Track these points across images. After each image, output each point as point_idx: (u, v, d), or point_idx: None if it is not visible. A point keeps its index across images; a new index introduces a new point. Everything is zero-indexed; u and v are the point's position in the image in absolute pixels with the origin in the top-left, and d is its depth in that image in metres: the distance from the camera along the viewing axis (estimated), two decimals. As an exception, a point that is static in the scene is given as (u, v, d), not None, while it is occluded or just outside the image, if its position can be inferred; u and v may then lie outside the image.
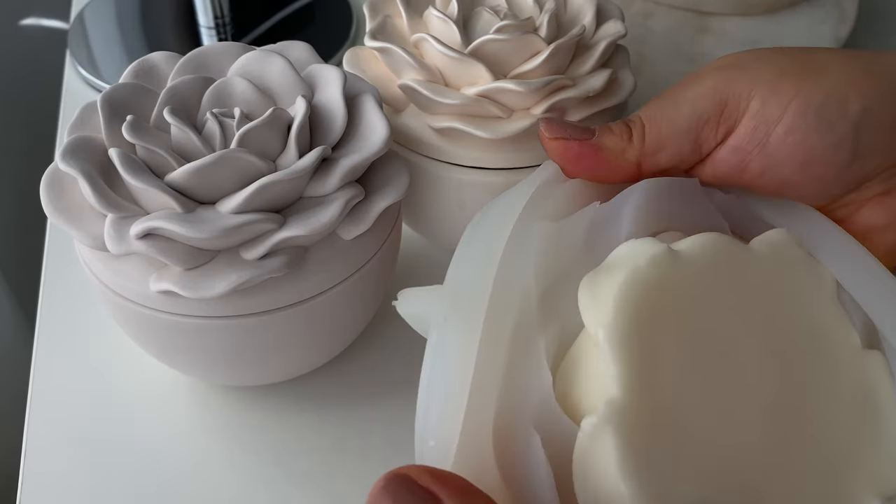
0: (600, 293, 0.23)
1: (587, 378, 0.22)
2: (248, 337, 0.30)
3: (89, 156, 0.28)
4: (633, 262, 0.23)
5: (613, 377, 0.21)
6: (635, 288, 0.22)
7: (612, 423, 0.21)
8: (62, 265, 0.40)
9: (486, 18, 0.34)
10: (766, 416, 0.23)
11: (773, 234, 0.26)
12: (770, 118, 0.26)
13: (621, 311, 0.22)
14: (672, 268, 0.23)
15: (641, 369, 0.22)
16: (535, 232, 0.26)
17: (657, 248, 0.23)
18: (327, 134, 0.30)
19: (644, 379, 0.21)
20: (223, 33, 0.53)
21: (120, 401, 0.36)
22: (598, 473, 0.21)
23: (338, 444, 0.35)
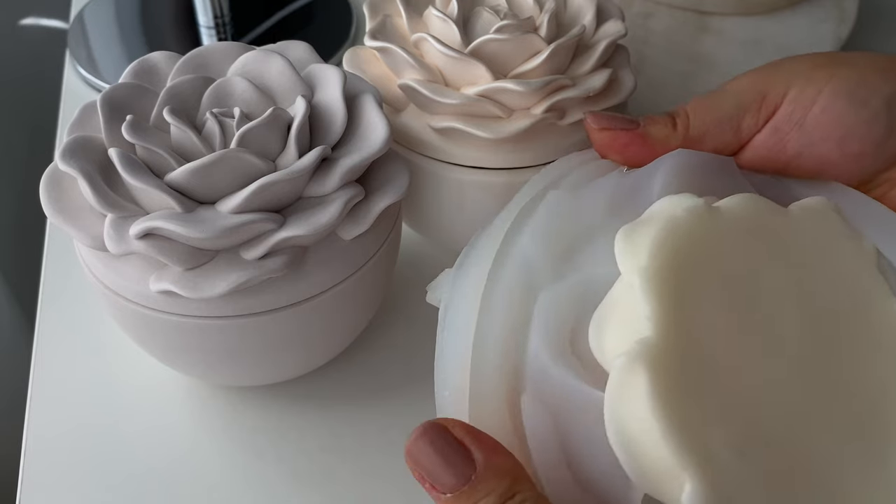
0: (637, 240, 0.23)
1: (621, 324, 0.23)
2: (248, 337, 0.30)
3: (89, 156, 0.28)
4: (670, 212, 0.23)
5: (647, 317, 0.21)
6: (672, 235, 0.23)
7: (644, 360, 0.21)
8: (62, 265, 0.40)
9: (486, 18, 0.34)
10: (800, 371, 0.23)
11: (812, 200, 0.26)
12: (806, 101, 0.28)
13: (657, 256, 0.22)
14: (709, 220, 0.23)
15: (675, 312, 0.22)
16: (548, 199, 0.26)
17: (695, 200, 0.23)
18: (327, 134, 0.30)
19: (677, 321, 0.22)
20: (223, 33, 0.53)
21: (120, 401, 0.36)
22: (629, 410, 0.21)
23: (338, 444, 0.35)
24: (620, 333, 0.22)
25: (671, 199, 0.24)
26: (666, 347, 0.21)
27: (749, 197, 0.25)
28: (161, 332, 0.30)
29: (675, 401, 0.21)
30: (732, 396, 0.22)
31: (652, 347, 0.21)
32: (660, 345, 0.21)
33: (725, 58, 0.48)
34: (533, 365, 0.24)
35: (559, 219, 0.26)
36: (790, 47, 0.49)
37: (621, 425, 0.21)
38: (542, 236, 0.26)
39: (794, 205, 0.25)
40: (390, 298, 0.39)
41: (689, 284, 0.22)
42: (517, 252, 0.26)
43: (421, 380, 0.37)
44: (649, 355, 0.21)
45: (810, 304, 0.24)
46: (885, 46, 0.54)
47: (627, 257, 0.23)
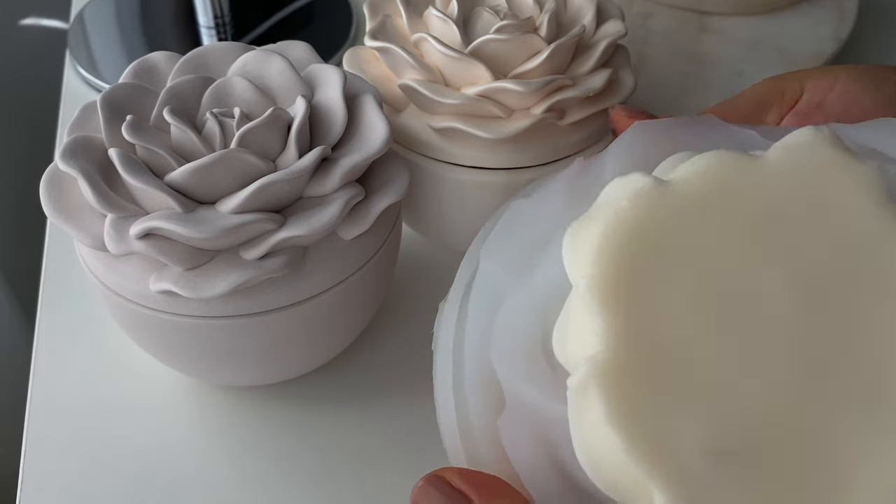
0: (581, 242, 0.21)
1: (577, 335, 0.21)
2: (248, 337, 0.30)
3: (89, 156, 0.28)
4: (614, 203, 0.21)
5: (593, 332, 0.20)
6: (618, 231, 0.20)
7: (595, 379, 0.19)
8: (62, 265, 0.40)
9: (486, 18, 0.34)
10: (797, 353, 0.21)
11: (793, 136, 0.22)
12: (825, 86, 0.28)
13: (600, 261, 0.20)
14: (661, 203, 0.21)
15: (628, 319, 0.20)
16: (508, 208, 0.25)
17: (641, 182, 0.21)
18: (327, 134, 0.30)
19: (634, 329, 0.20)
20: (223, 33, 0.53)
21: (120, 401, 0.36)
22: (590, 430, 0.20)
23: (338, 444, 0.35)
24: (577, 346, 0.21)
25: (616, 185, 0.22)
26: (618, 361, 0.20)
27: (711, 156, 0.21)
28: (161, 332, 0.30)
29: (634, 414, 0.19)
30: (707, 398, 0.20)
31: (601, 364, 0.20)
32: (610, 359, 0.20)
33: (725, 58, 0.48)
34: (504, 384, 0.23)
35: (517, 226, 0.25)
36: (790, 47, 0.49)
37: (586, 444, 0.20)
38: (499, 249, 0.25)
39: (775, 147, 0.22)
40: (390, 298, 0.39)
41: (647, 285, 0.20)
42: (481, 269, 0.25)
43: (421, 380, 0.37)
44: (600, 373, 0.19)
45: (803, 270, 0.21)
46: (885, 46, 0.54)
47: (573, 264, 0.21)
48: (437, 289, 0.40)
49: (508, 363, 0.23)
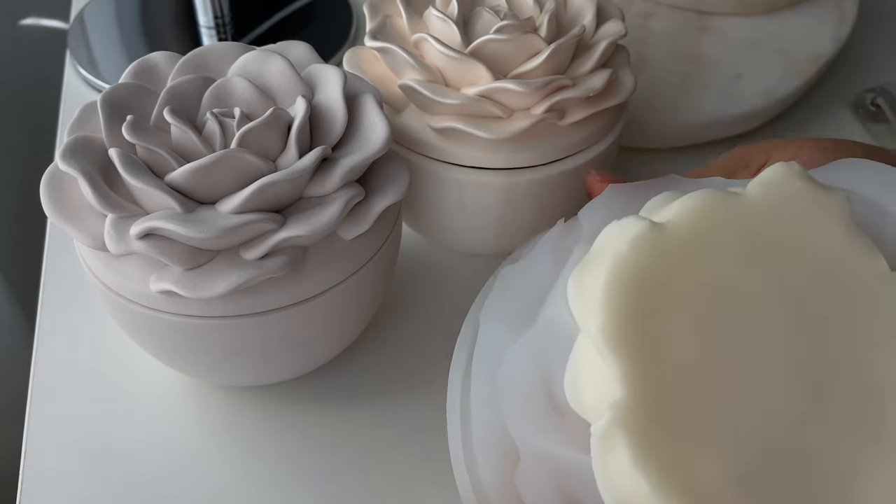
0: (587, 289, 0.22)
1: (592, 381, 0.22)
2: (248, 337, 0.30)
3: (89, 156, 0.28)
4: (614, 248, 0.22)
5: (615, 378, 0.21)
6: (622, 277, 0.21)
7: (620, 425, 0.20)
8: (62, 265, 0.40)
9: (486, 18, 0.34)
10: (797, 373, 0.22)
11: (767, 172, 0.24)
12: (789, 156, 0.29)
13: (612, 306, 0.21)
14: (659, 244, 0.22)
15: (645, 363, 0.21)
16: (500, 273, 0.27)
17: (637, 226, 0.22)
18: (327, 134, 0.30)
19: (650, 371, 0.21)
20: (223, 33, 0.53)
21: (120, 401, 0.36)
22: (617, 477, 0.20)
23: (338, 444, 0.35)
24: (594, 392, 0.22)
25: (612, 230, 0.23)
26: (640, 405, 0.20)
27: (698, 195, 0.23)
28: (161, 332, 0.30)
29: (659, 456, 0.20)
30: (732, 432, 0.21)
31: (625, 410, 0.20)
32: (633, 405, 0.20)
33: (725, 58, 0.48)
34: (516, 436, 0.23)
35: (510, 289, 0.26)
36: (790, 47, 0.49)
37: (613, 490, 0.21)
38: (496, 310, 0.26)
39: (752, 184, 0.23)
40: (390, 298, 0.39)
41: (656, 327, 0.21)
42: (479, 335, 0.26)
43: (421, 380, 0.37)
44: (624, 419, 0.20)
45: (792, 295, 0.23)
46: (885, 46, 0.54)
47: (581, 310, 0.22)
48: (437, 289, 0.40)
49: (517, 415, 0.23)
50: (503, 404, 0.24)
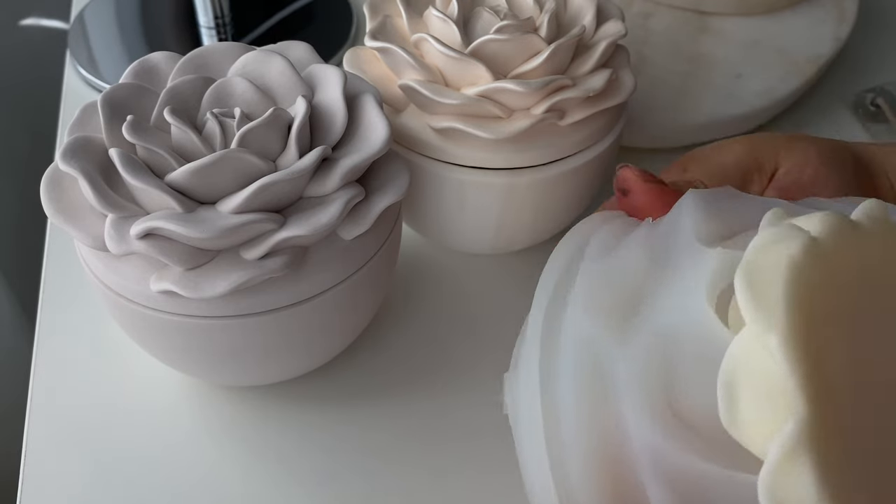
0: (764, 293, 0.20)
1: (759, 394, 0.20)
2: (248, 337, 0.30)
3: (89, 156, 0.28)
4: (786, 256, 0.20)
5: (797, 389, 0.19)
6: (800, 284, 0.20)
7: (806, 445, 0.18)
8: (62, 265, 0.40)
9: (486, 18, 0.34)
10: None
11: (868, 205, 0.23)
12: (800, 166, 0.31)
13: (795, 314, 0.19)
14: (822, 257, 0.20)
15: (822, 378, 0.19)
16: (582, 269, 0.25)
17: (801, 237, 0.20)
18: (327, 134, 0.30)
19: (826, 389, 0.19)
20: (223, 33, 0.53)
21: (120, 401, 0.36)
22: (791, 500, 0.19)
23: (339, 444, 0.35)
24: (763, 407, 0.20)
25: (769, 236, 0.21)
26: (824, 425, 0.19)
27: (834, 217, 0.21)
28: (161, 332, 0.30)
29: (841, 485, 0.19)
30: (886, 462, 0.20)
31: (810, 428, 0.19)
32: (818, 423, 0.19)
33: (725, 58, 0.48)
34: (642, 448, 0.22)
35: (602, 285, 0.24)
36: (790, 47, 0.49)
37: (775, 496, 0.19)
38: (592, 307, 0.24)
39: (857, 214, 0.23)
40: (390, 298, 0.39)
41: (827, 340, 0.20)
42: (569, 333, 0.24)
43: (421, 379, 0.37)
44: (810, 438, 0.19)
45: None
46: (885, 46, 0.54)
47: (758, 313, 0.20)
48: (437, 289, 0.40)
49: (649, 423, 0.22)
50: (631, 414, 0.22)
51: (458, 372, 0.37)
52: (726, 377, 0.21)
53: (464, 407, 0.36)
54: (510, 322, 0.39)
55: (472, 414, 0.36)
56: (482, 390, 0.36)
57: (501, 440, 0.35)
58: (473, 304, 0.40)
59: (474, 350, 0.38)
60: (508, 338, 0.38)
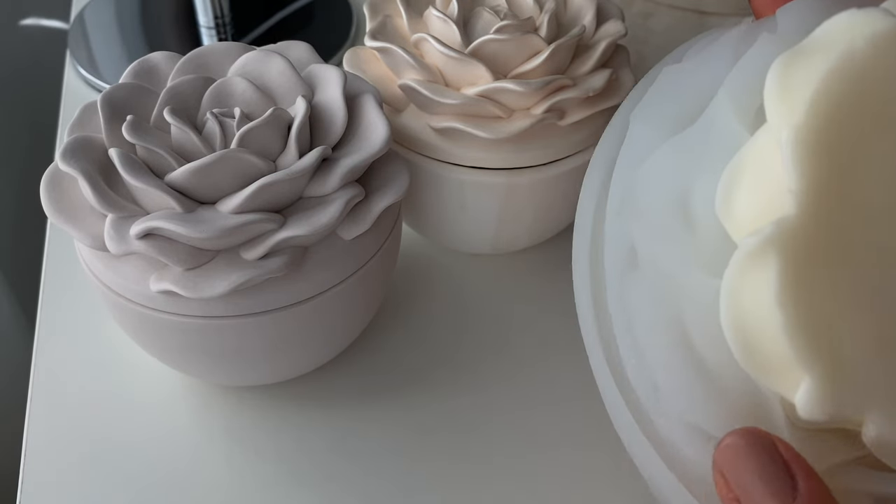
0: (795, 80, 0.18)
1: (758, 188, 0.19)
2: (248, 337, 0.30)
3: (89, 156, 0.28)
4: (847, 41, 0.18)
5: (792, 190, 0.17)
6: (844, 76, 0.18)
7: (778, 245, 0.17)
8: (62, 265, 0.40)
9: (487, 18, 0.34)
10: None
11: None
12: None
13: (819, 108, 0.18)
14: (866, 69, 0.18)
15: (830, 182, 0.17)
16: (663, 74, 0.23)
17: (882, 21, 0.18)
18: (327, 134, 0.30)
19: (830, 194, 0.18)
20: (223, 33, 0.53)
21: (120, 401, 0.36)
22: (751, 296, 0.18)
23: (338, 444, 0.35)
24: (756, 201, 0.19)
25: (843, 20, 0.18)
26: (808, 230, 0.17)
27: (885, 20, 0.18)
28: (161, 332, 0.30)
29: (806, 291, 0.17)
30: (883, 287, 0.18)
31: (791, 230, 0.17)
32: (801, 227, 0.17)
33: (725, 58, 0.48)
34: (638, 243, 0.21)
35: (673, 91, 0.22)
36: (790, 47, 0.49)
37: (738, 311, 0.18)
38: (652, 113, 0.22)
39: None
40: (390, 298, 0.39)
41: (856, 145, 0.18)
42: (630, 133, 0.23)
43: (421, 380, 0.37)
44: (786, 239, 0.17)
45: None
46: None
47: (780, 102, 0.18)
48: (437, 289, 0.40)
49: (644, 220, 0.21)
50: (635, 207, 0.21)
51: (458, 372, 0.37)
52: (733, 165, 0.19)
53: (464, 407, 0.36)
54: (510, 322, 0.39)
55: (472, 414, 0.36)
56: (482, 390, 0.36)
57: (501, 440, 0.35)
58: (473, 304, 0.40)
59: (474, 350, 0.38)
60: (508, 338, 0.38)
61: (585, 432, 0.35)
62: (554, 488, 0.33)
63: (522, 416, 0.35)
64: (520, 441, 0.35)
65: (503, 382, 0.37)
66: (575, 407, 0.36)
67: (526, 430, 0.35)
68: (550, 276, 0.40)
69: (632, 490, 0.33)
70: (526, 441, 0.35)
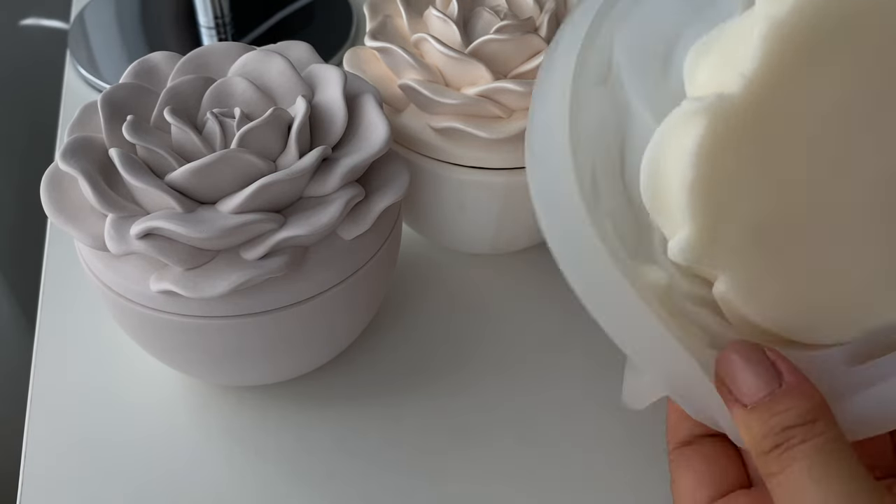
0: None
1: (719, 61, 0.20)
2: (248, 337, 0.30)
3: (89, 156, 0.28)
4: None
5: (743, 75, 0.19)
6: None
7: (710, 115, 0.19)
8: (62, 265, 0.40)
9: (487, 18, 0.34)
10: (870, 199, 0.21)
11: None
12: None
13: (802, 7, 0.19)
14: None
15: (783, 74, 0.19)
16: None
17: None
18: (327, 134, 0.30)
19: (778, 86, 0.19)
20: (223, 33, 0.53)
21: (120, 401, 0.36)
22: (671, 148, 0.20)
23: (338, 444, 0.35)
24: (713, 72, 0.20)
25: None
26: (742, 111, 0.19)
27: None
28: (161, 332, 0.30)
29: (718, 161, 0.19)
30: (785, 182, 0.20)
31: (727, 108, 0.19)
32: (737, 107, 0.19)
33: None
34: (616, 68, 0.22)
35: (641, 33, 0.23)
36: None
37: (658, 157, 0.20)
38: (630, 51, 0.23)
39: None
40: (390, 298, 0.39)
41: (823, 46, 0.19)
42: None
43: (421, 380, 0.37)
44: (718, 111, 0.19)
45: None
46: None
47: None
48: (437, 289, 0.40)
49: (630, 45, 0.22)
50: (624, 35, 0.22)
51: (457, 372, 0.37)
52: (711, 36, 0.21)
53: (464, 407, 0.36)
54: (510, 322, 0.39)
55: (472, 413, 0.36)
56: (482, 390, 0.36)
57: (501, 440, 0.35)
58: (473, 304, 0.40)
59: (474, 350, 0.38)
60: (508, 337, 0.38)
61: (585, 432, 0.35)
62: (554, 488, 0.33)
63: (522, 416, 0.35)
64: (520, 440, 0.35)
65: (503, 382, 0.37)
66: (575, 407, 0.36)
67: (526, 430, 0.35)
68: (550, 276, 0.40)
69: (632, 490, 0.33)
70: (526, 440, 0.35)
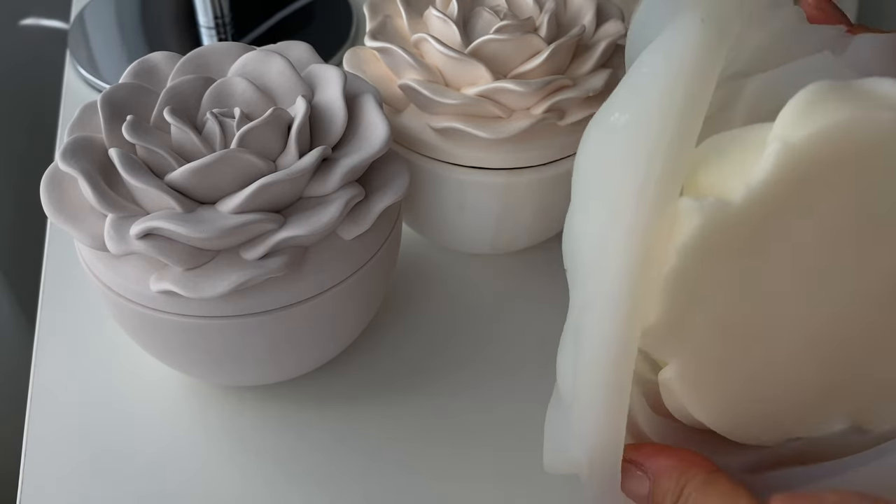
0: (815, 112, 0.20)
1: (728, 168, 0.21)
2: (248, 337, 0.30)
3: (89, 156, 0.28)
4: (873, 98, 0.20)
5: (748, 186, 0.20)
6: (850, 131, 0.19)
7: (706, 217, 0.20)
8: (62, 265, 0.40)
9: (486, 18, 0.34)
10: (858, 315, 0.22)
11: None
12: None
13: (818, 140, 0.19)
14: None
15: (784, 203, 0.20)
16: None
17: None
18: (327, 134, 0.30)
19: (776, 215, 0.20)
20: (223, 33, 0.53)
21: (120, 401, 0.36)
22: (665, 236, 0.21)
23: (338, 444, 0.35)
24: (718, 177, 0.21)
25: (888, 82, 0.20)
26: (738, 221, 0.20)
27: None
28: (161, 332, 0.30)
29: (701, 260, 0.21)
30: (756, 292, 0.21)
31: (724, 214, 0.20)
32: (734, 216, 0.20)
33: (725, 58, 0.48)
34: None
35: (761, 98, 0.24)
36: (790, 47, 0.49)
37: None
38: None
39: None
40: (390, 298, 0.39)
41: (827, 177, 0.20)
42: None
43: (421, 380, 0.37)
44: (716, 217, 0.20)
45: None
46: (885, 46, 0.54)
47: (789, 119, 0.20)
48: (437, 289, 0.40)
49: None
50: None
51: (457, 372, 0.37)
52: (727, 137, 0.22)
53: (464, 407, 0.36)
54: (510, 322, 0.39)
55: (472, 413, 0.36)
56: (482, 390, 0.36)
57: (501, 440, 0.35)
58: (473, 304, 0.40)
59: (474, 350, 0.38)
60: (508, 337, 0.38)
61: (585, 432, 0.35)
62: (554, 488, 0.33)
63: (522, 416, 0.35)
64: (519, 440, 0.35)
65: (503, 382, 0.37)
66: (575, 407, 0.36)
67: (525, 430, 0.35)
68: (550, 276, 0.40)
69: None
70: (526, 440, 0.35)
